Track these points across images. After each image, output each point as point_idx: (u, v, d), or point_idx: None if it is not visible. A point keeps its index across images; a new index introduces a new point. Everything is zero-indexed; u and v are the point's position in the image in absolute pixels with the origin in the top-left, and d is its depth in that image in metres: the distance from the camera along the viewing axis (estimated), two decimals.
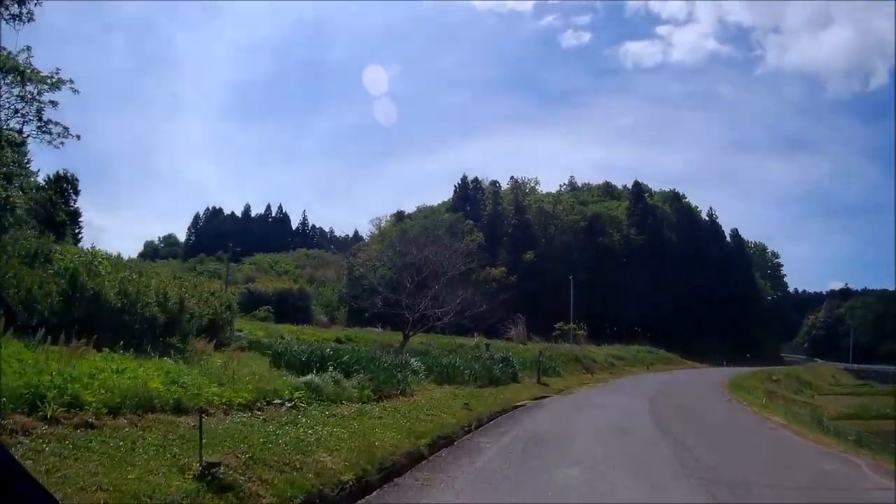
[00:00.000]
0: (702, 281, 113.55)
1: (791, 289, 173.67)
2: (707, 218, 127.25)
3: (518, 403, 24.95)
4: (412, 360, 27.62)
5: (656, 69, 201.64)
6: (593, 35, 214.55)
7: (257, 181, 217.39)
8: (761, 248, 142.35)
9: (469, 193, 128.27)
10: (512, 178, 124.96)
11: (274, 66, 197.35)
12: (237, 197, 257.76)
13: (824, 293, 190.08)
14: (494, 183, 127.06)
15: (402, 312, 49.78)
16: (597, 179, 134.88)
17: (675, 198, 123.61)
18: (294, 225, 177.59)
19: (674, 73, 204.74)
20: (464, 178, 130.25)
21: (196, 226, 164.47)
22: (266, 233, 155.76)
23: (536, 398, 28.56)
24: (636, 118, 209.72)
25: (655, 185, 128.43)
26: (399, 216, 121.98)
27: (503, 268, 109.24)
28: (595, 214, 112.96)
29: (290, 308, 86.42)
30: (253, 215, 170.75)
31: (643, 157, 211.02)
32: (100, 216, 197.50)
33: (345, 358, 21.33)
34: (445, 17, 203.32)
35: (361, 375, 19.81)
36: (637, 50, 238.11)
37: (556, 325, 71.66)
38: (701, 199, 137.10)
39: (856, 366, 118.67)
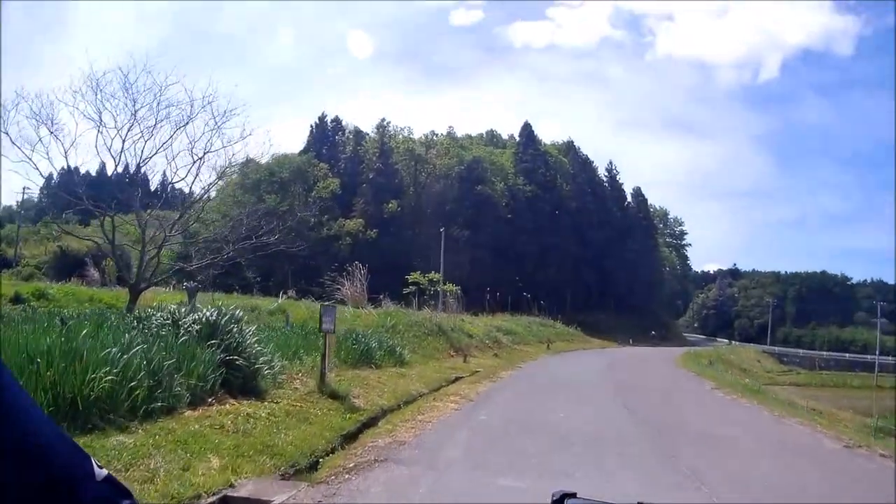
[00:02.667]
0: (601, 245, 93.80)
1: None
2: (606, 173, 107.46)
3: None
4: None
5: (546, 49, 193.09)
6: (485, 14, 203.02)
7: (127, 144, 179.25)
8: (663, 214, 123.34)
9: (328, 135, 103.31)
10: (382, 119, 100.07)
11: (162, 32, 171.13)
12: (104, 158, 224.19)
13: (711, 272, 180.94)
14: (358, 130, 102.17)
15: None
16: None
17: (570, 147, 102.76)
18: (154, 186, 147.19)
19: (564, 53, 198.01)
20: (322, 118, 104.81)
21: (48, 187, 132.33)
22: (123, 194, 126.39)
23: None
24: (524, 95, 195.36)
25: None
26: (245, 164, 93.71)
27: (360, 220, 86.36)
28: (475, 159, 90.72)
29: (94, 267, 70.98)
30: (110, 175, 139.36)
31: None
32: None
33: None
34: None
35: None
36: (528, 30, 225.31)
37: (410, 277, 48.43)
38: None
39: (777, 349, 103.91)
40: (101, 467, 1.18)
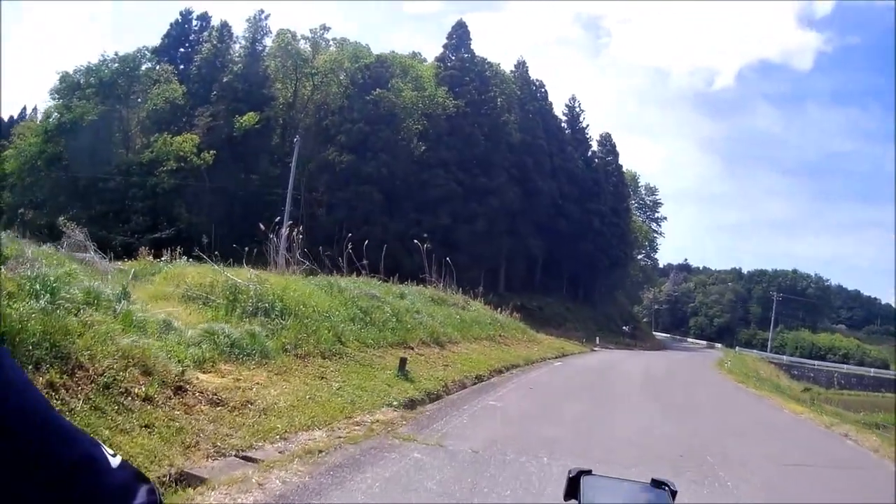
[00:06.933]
0: (555, 200, 61.37)
1: None
2: (566, 109, 74.27)
3: None
4: None
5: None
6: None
7: None
8: (632, 177, 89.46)
9: (190, 35, 68.43)
10: (259, 11, 64.73)
11: None
12: None
13: (661, 266, 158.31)
14: (225, 25, 66.62)
15: None
16: None
17: (519, 67, 69.56)
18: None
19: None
20: (185, 13, 69.38)
21: None
22: None
23: None
24: None
25: None
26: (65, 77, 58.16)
27: (195, 135, 53.49)
28: (380, 59, 57.37)
29: None
30: None
31: None
32: None
33: None
34: None
35: None
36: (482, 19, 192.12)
37: None
38: None
39: (785, 358, 75.31)
40: (113, 455, 1.09)
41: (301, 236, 27.04)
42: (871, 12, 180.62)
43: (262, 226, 28.40)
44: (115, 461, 1.02)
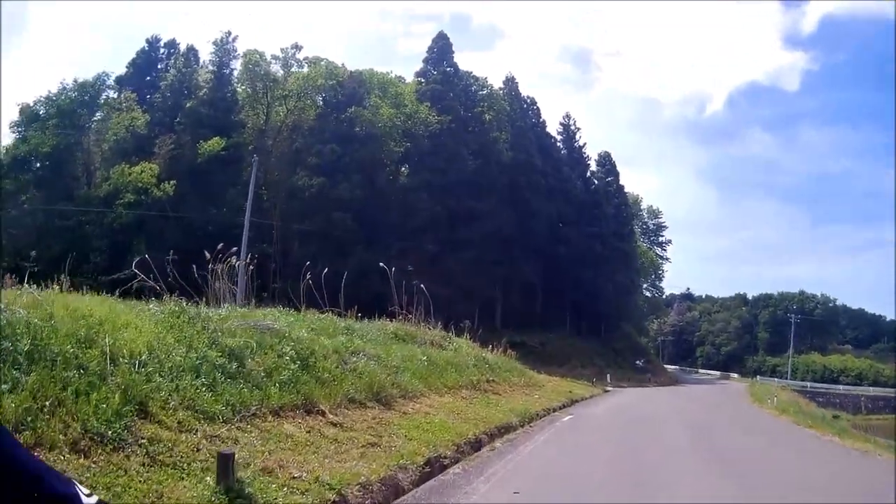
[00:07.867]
0: (552, 223, 55.69)
1: None
2: (561, 128, 68.60)
3: None
4: None
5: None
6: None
7: None
8: (635, 200, 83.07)
9: (157, 63, 62.94)
10: (226, 33, 59.33)
11: None
12: None
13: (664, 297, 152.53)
14: (191, 49, 61.09)
15: None
16: None
17: (509, 84, 63.90)
18: None
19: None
20: (152, 41, 64.09)
21: None
22: None
23: None
24: None
25: None
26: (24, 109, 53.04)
27: (155, 164, 47.88)
28: (355, 75, 51.77)
29: None
30: None
31: None
32: None
33: None
34: None
35: None
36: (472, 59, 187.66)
37: None
38: None
39: (808, 385, 72.42)
40: (88, 495, 1.11)
41: (252, 267, 21.54)
42: (857, 27, 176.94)
43: (207, 254, 22.19)
44: (89, 500, 1.02)
